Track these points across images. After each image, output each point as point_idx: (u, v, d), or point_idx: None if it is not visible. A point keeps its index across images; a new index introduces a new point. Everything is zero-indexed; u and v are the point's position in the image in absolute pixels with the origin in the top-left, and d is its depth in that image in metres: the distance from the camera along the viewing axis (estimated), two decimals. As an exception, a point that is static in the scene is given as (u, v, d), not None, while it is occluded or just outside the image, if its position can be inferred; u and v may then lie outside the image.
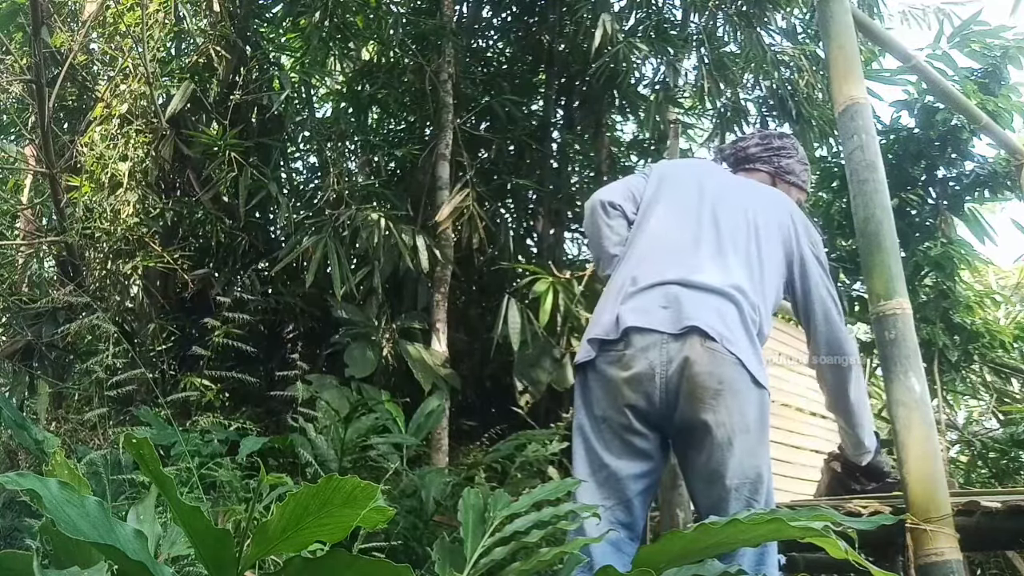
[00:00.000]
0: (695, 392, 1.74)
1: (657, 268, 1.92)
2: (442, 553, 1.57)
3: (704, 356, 1.74)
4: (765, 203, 2.09)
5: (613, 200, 2.17)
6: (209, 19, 5.61)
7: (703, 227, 1.98)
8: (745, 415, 1.74)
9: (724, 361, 1.74)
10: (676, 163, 2.42)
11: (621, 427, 1.83)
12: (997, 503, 2.00)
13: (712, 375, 1.73)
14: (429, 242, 5.05)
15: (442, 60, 5.49)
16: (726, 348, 1.75)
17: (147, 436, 1.16)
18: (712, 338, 1.75)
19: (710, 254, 1.92)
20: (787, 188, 2.29)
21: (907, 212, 5.96)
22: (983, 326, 5.88)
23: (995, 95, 5.81)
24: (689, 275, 1.87)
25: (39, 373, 4.89)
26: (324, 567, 1.02)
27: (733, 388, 1.73)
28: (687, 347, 1.76)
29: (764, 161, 2.30)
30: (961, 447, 6.53)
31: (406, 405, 4.23)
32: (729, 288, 1.84)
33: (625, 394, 1.82)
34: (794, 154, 2.32)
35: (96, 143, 5.14)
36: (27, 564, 0.96)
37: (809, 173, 2.37)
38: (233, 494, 2.77)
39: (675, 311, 1.80)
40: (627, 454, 1.82)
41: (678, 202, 2.08)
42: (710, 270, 1.88)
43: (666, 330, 1.79)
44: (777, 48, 6.09)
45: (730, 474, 1.73)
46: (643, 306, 1.84)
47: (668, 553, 1.14)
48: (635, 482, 1.82)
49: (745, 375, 1.75)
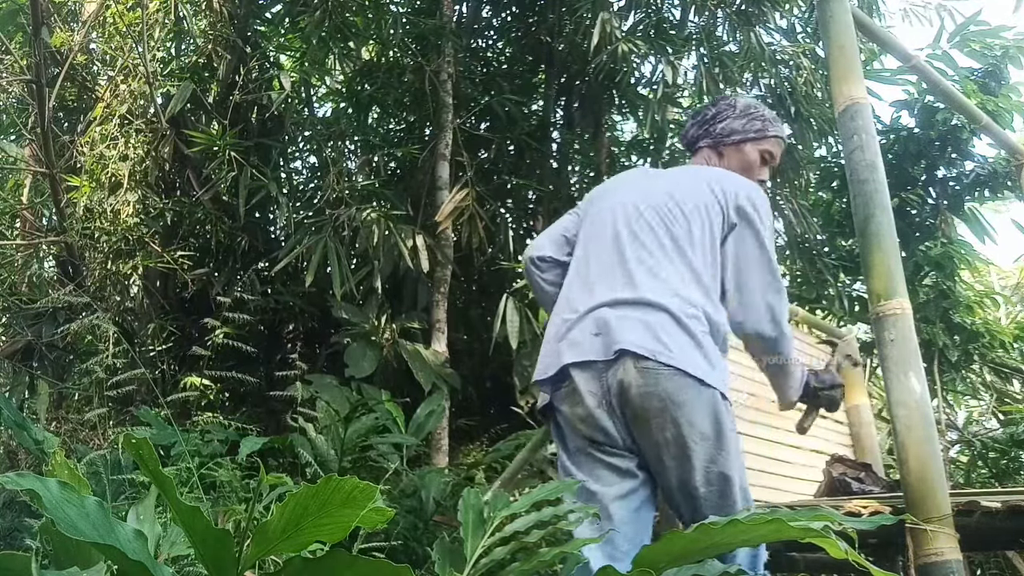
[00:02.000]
0: (640, 415, 1.71)
1: (585, 296, 1.87)
2: (442, 553, 1.56)
3: (640, 378, 1.69)
4: (685, 189, 1.97)
5: (542, 255, 2.12)
6: (209, 19, 5.61)
7: (623, 241, 1.91)
8: (696, 424, 1.69)
9: (661, 377, 1.69)
10: (605, 184, 2.25)
11: (596, 453, 1.80)
12: (997, 503, 1.99)
13: (652, 395, 1.69)
14: (429, 242, 5.05)
15: (442, 60, 5.49)
16: (661, 363, 1.69)
17: (147, 436, 1.17)
18: (644, 356, 1.70)
19: (635, 266, 1.85)
20: (735, 152, 2.11)
21: (907, 212, 5.96)
22: (983, 326, 5.88)
23: (995, 95, 5.81)
24: (615, 294, 1.82)
25: (39, 373, 4.89)
26: (324, 567, 1.02)
27: (677, 401, 1.68)
28: (622, 371, 1.72)
29: (703, 137, 2.16)
30: (961, 447, 6.53)
31: (406, 405, 4.23)
32: (657, 296, 1.78)
33: (584, 430, 1.80)
34: (730, 112, 2.14)
35: (96, 143, 5.15)
36: (26, 565, 0.96)
37: (763, 119, 2.13)
38: (233, 494, 2.78)
39: (605, 336, 1.76)
40: (608, 477, 1.78)
41: (600, 224, 2.01)
42: (636, 283, 1.82)
43: (599, 358, 1.75)
44: (776, 47, 6.10)
45: (697, 484, 1.71)
46: (577, 338, 1.81)
47: (668, 553, 1.14)
48: (622, 504, 1.77)
49: (689, 382, 1.69)
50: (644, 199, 1.98)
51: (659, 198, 1.96)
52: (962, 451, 6.53)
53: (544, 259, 2.12)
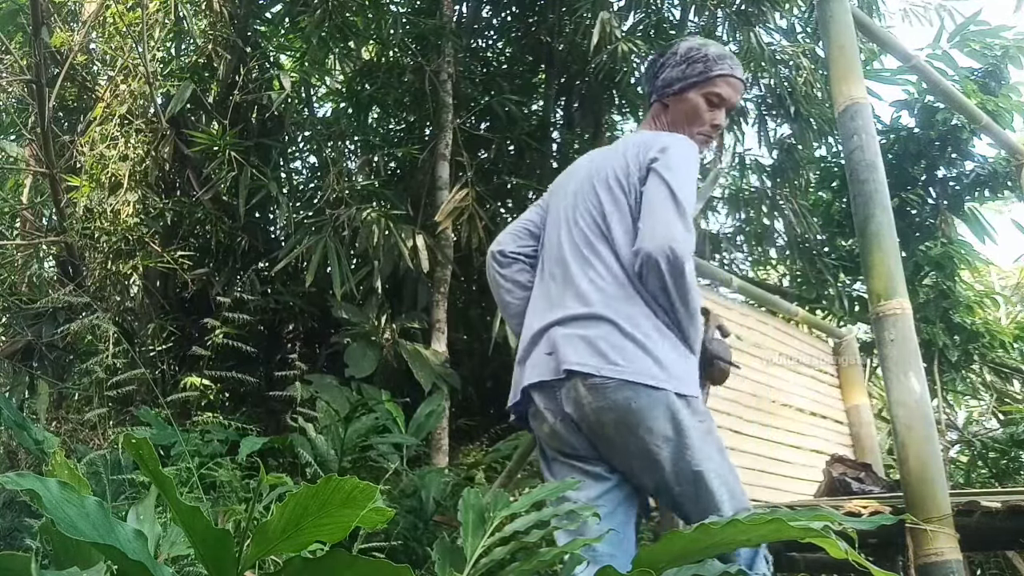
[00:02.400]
0: (599, 430, 1.69)
1: (540, 315, 1.84)
2: (442, 553, 1.57)
3: (589, 395, 1.66)
4: (599, 166, 1.89)
5: (504, 248, 2.02)
6: (209, 19, 5.61)
7: (565, 253, 1.85)
8: (655, 429, 1.65)
9: (608, 391, 1.64)
10: (561, 178, 2.08)
11: (568, 460, 1.80)
12: (997, 503, 1.99)
13: (603, 409, 1.65)
14: (429, 242, 5.05)
15: (442, 60, 5.49)
16: (606, 376, 1.65)
17: (147, 436, 1.17)
18: (590, 374, 1.66)
19: (579, 279, 1.78)
20: (678, 102, 1.95)
21: (907, 212, 5.96)
22: (983, 326, 5.88)
23: (995, 95, 5.81)
24: (559, 311, 1.77)
25: (39, 373, 4.89)
26: (324, 567, 1.02)
27: (631, 410, 1.64)
28: (572, 391, 1.69)
29: (651, 93, 2.01)
30: (961, 447, 6.53)
31: (406, 405, 4.23)
32: (594, 305, 1.72)
33: (553, 443, 1.81)
34: (671, 60, 1.97)
35: (96, 143, 5.15)
36: (25, 565, 0.96)
37: (705, 60, 1.94)
38: (233, 494, 2.78)
39: (555, 356, 1.73)
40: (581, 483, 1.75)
41: (551, 234, 1.94)
42: (580, 295, 1.76)
43: (552, 378, 1.73)
44: (776, 47, 6.10)
45: (671, 484, 1.68)
46: (535, 360, 1.79)
47: (668, 553, 1.14)
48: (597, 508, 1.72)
49: (638, 389, 1.64)
50: (578, 197, 1.91)
51: (586, 192, 1.88)
52: (962, 451, 6.53)
53: (504, 254, 2.02)
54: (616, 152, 1.90)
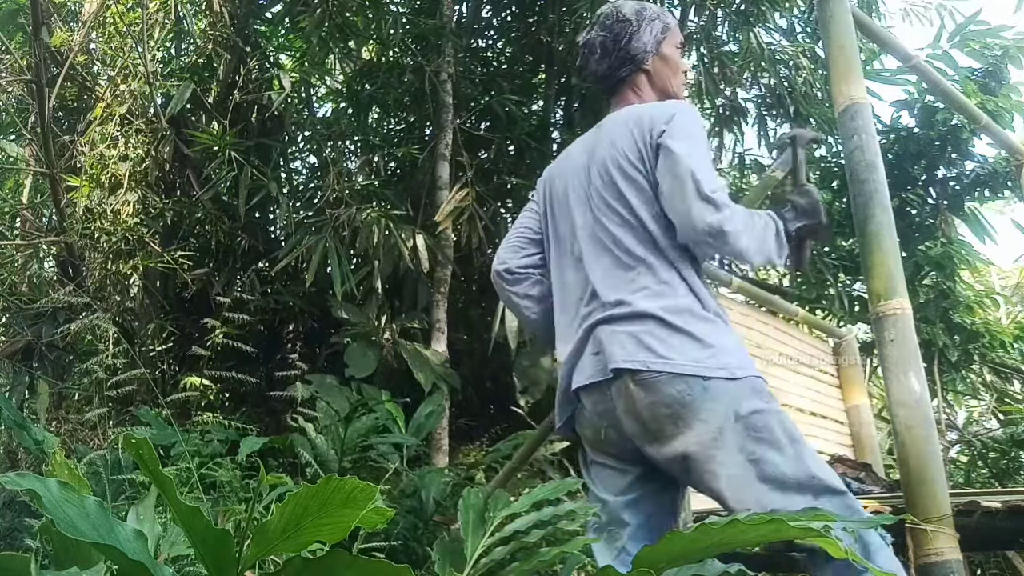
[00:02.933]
0: (651, 428, 1.63)
1: (574, 315, 1.79)
2: (442, 553, 1.57)
3: (640, 392, 1.61)
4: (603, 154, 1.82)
5: (509, 266, 1.98)
6: (209, 19, 5.61)
7: (584, 244, 1.80)
8: (711, 420, 1.58)
9: (659, 385, 1.60)
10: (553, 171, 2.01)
11: (608, 463, 1.78)
12: (997, 503, 2.00)
13: (657, 404, 1.60)
14: (429, 242, 5.05)
15: (442, 60, 5.49)
16: (656, 371, 1.60)
17: (147, 436, 1.17)
18: (638, 370, 1.61)
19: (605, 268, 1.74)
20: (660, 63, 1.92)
21: (907, 212, 5.96)
22: (983, 326, 5.89)
23: (995, 94, 5.81)
24: (598, 311, 1.72)
25: (39, 373, 4.89)
26: (324, 567, 1.02)
27: (685, 403, 1.59)
28: (623, 389, 1.64)
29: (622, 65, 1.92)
30: (961, 447, 6.54)
31: (406, 405, 4.23)
32: (634, 299, 1.67)
33: (597, 446, 1.78)
34: (630, 26, 1.92)
35: (96, 143, 5.15)
36: (25, 565, 0.96)
37: (656, 15, 1.93)
38: (233, 494, 2.78)
39: (602, 356, 1.69)
40: (619, 486, 1.74)
41: (564, 227, 1.88)
42: (612, 290, 1.71)
43: (602, 378, 1.69)
44: (776, 47, 6.10)
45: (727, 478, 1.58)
46: (583, 362, 1.75)
47: (668, 553, 1.14)
48: (634, 512, 1.73)
49: (690, 381, 1.59)
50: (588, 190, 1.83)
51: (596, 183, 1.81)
52: (962, 451, 6.53)
53: (511, 271, 1.98)
54: (615, 133, 1.83)
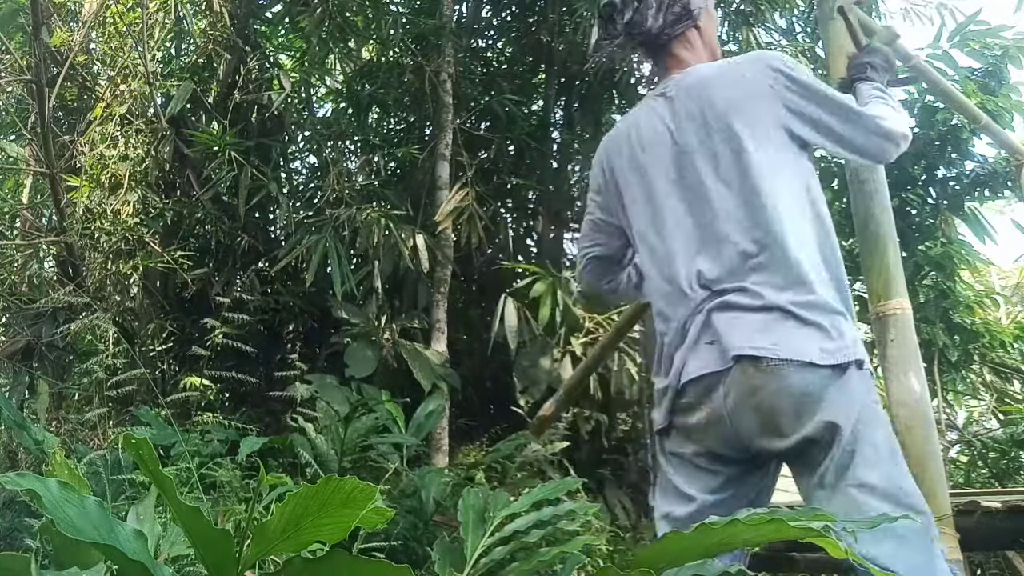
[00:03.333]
0: (769, 420, 1.52)
1: (682, 299, 1.64)
2: (442, 553, 1.57)
3: (762, 379, 1.50)
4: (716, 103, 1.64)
5: (593, 254, 1.89)
6: (209, 19, 5.61)
7: (687, 222, 1.64)
8: (836, 412, 1.48)
9: (784, 374, 1.49)
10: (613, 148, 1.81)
11: (701, 461, 1.66)
12: (997, 503, 2.00)
13: (779, 393, 1.50)
14: (429, 242, 5.05)
15: (442, 60, 5.49)
16: (783, 359, 1.49)
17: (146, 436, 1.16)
18: (763, 357, 1.50)
19: (720, 245, 1.59)
20: (708, 18, 1.80)
21: (907, 212, 5.96)
22: (983, 326, 5.89)
23: (995, 94, 5.81)
24: (712, 297, 1.59)
25: (39, 373, 4.89)
26: (324, 567, 1.02)
27: (808, 393, 1.49)
28: (742, 378, 1.53)
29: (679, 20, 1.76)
30: (961, 447, 6.54)
31: (406, 405, 4.23)
32: (754, 281, 1.55)
33: (696, 437, 1.64)
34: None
35: (96, 143, 5.15)
36: (25, 565, 0.96)
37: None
38: (233, 494, 2.78)
39: (718, 344, 1.56)
40: (710, 484, 1.64)
41: (665, 203, 1.69)
42: (729, 271, 1.58)
43: (720, 368, 1.56)
44: (775, 46, 6.10)
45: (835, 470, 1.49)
46: (695, 352, 1.61)
47: (668, 553, 1.14)
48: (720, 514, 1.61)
49: (817, 371, 1.49)
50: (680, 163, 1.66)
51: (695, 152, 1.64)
52: (962, 451, 6.54)
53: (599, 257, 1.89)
54: (706, 98, 1.65)
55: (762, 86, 1.62)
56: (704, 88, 1.66)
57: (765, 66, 1.63)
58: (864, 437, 1.49)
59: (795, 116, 1.62)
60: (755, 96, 1.62)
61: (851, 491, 1.48)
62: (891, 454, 1.52)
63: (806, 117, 1.63)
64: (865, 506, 1.46)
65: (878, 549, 1.42)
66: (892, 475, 1.49)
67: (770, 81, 1.62)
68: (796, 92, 1.62)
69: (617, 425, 5.50)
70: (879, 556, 1.41)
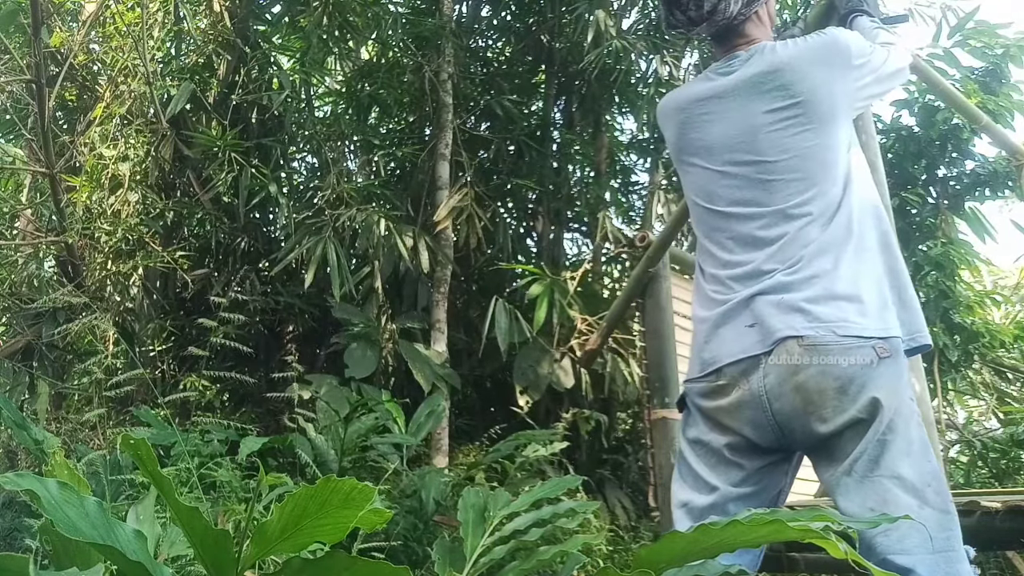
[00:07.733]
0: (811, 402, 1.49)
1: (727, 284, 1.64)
2: (442, 553, 1.57)
3: (807, 357, 1.48)
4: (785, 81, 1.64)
5: None
6: (209, 19, 5.61)
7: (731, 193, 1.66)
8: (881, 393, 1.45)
9: (829, 352, 1.47)
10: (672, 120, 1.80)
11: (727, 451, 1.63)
12: (997, 503, 1.99)
13: (823, 374, 1.47)
14: (429, 242, 5.05)
15: (442, 60, 5.49)
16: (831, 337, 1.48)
17: (145, 437, 1.16)
18: (805, 335, 1.49)
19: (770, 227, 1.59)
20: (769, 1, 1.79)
21: (907, 212, 5.95)
22: (983, 326, 5.88)
23: (996, 94, 5.81)
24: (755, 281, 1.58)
25: (39, 373, 4.89)
26: (323, 567, 1.02)
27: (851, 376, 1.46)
28: (785, 358, 1.50)
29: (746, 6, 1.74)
30: (961, 447, 6.54)
31: (406, 405, 4.23)
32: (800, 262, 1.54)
33: (725, 423, 1.61)
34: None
35: (96, 143, 5.15)
36: (24, 565, 0.96)
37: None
38: (233, 494, 2.78)
39: (759, 327, 1.55)
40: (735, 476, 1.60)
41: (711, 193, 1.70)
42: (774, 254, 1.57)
43: (756, 352, 1.54)
44: (776, 47, 6.08)
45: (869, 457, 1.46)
46: (729, 334, 1.60)
47: (668, 553, 1.14)
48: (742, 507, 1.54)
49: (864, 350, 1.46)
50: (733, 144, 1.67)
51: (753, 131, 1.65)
52: (962, 451, 6.53)
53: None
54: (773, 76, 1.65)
55: (831, 65, 1.64)
56: (771, 66, 1.66)
57: (833, 44, 1.65)
58: (900, 430, 1.47)
59: (857, 92, 1.68)
60: (823, 76, 1.63)
61: (883, 481, 1.45)
62: (923, 450, 1.50)
63: (864, 93, 1.70)
64: (891, 496, 1.44)
65: (900, 547, 1.41)
66: (923, 470, 1.47)
67: (838, 60, 1.64)
68: (857, 70, 1.65)
69: (617, 425, 5.50)
70: (900, 556, 1.40)
